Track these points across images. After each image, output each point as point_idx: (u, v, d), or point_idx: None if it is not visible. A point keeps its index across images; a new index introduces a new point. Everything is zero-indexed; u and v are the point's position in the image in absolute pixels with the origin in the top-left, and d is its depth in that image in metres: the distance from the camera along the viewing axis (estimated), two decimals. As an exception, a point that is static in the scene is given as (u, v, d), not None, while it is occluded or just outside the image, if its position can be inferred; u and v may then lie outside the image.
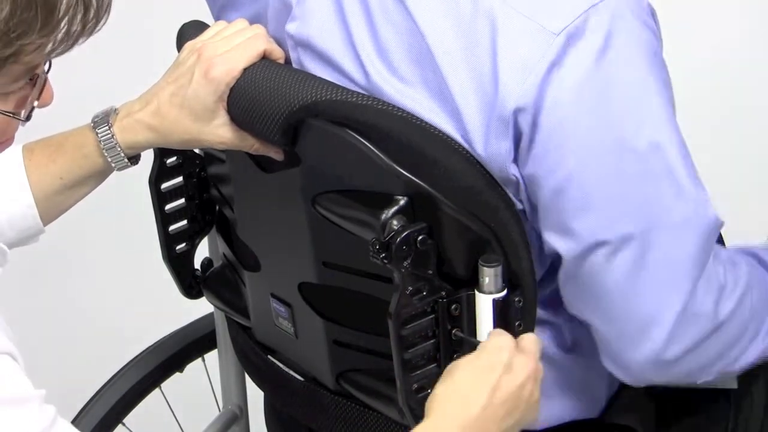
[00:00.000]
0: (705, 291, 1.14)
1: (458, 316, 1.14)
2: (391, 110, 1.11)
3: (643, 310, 1.13)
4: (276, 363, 1.35)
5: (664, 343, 1.14)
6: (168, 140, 1.23)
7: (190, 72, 1.19)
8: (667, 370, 1.16)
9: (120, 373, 1.54)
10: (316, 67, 1.17)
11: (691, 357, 1.16)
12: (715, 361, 1.19)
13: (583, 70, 1.07)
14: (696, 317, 1.14)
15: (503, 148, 1.09)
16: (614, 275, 1.12)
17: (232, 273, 1.40)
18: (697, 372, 1.19)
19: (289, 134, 1.15)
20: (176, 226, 1.39)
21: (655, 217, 1.11)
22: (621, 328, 1.15)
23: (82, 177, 1.26)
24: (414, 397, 1.15)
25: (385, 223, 1.11)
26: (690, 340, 1.15)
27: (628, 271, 1.12)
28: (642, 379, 1.18)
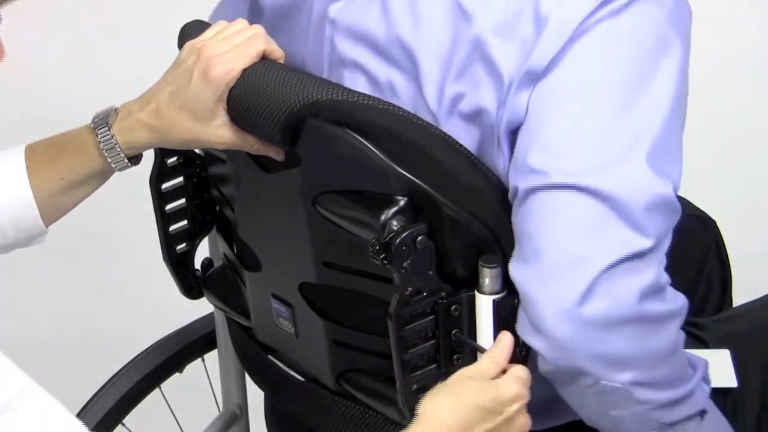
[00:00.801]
0: (634, 268, 1.08)
1: (458, 316, 1.14)
2: (392, 110, 1.11)
3: (572, 251, 1.08)
4: (276, 363, 1.35)
5: (583, 294, 1.07)
6: (168, 140, 1.23)
7: (190, 72, 1.19)
8: (581, 333, 1.07)
9: (120, 374, 1.54)
10: (350, 45, 1.17)
11: (608, 335, 1.08)
12: (630, 368, 1.11)
13: (606, 22, 1.09)
14: (617, 287, 1.08)
15: (524, 99, 1.10)
16: (556, 213, 1.09)
17: (233, 273, 1.40)
18: (611, 367, 1.10)
19: (290, 134, 1.15)
20: (176, 226, 1.39)
21: (609, 171, 1.09)
22: (547, 266, 1.08)
23: (84, 177, 1.26)
24: (414, 397, 1.15)
25: (385, 223, 1.11)
26: (609, 307, 1.07)
27: (570, 211, 1.08)
28: (556, 342, 1.08)
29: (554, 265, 1.08)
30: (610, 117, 1.09)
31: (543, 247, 1.08)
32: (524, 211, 1.10)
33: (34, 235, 1.28)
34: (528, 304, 1.09)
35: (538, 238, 1.08)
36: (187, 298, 1.44)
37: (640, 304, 1.08)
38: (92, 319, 2.40)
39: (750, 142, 2.52)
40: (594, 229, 1.08)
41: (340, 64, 1.20)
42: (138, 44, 2.48)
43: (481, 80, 1.12)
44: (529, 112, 1.10)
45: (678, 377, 1.14)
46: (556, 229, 1.08)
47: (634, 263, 1.07)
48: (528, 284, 1.09)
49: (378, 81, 1.18)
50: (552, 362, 1.09)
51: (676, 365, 1.13)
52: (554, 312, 1.07)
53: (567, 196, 1.08)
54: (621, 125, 1.09)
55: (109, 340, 2.24)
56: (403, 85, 1.16)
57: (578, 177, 1.08)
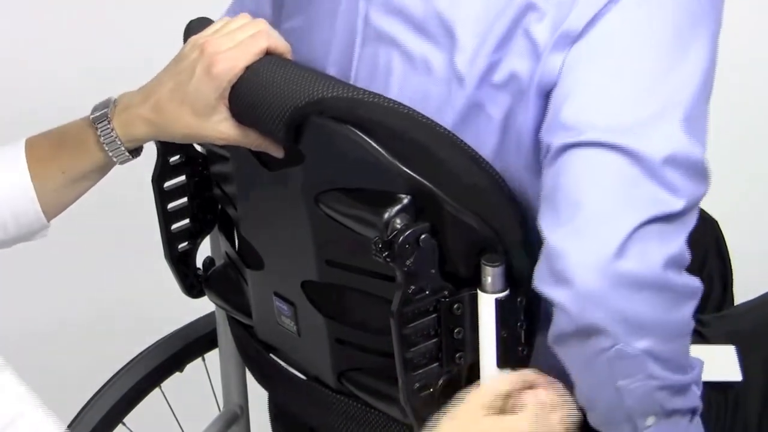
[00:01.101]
0: (664, 233, 1.08)
1: (460, 315, 1.14)
2: (396, 108, 1.11)
3: (605, 207, 1.08)
4: (278, 361, 1.35)
5: (616, 249, 1.06)
6: (167, 134, 1.23)
7: (192, 68, 1.19)
8: (609, 288, 1.07)
9: (120, 373, 1.53)
10: (386, 19, 1.18)
11: (634, 296, 1.08)
12: (648, 334, 1.10)
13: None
14: (647, 248, 1.08)
15: (559, 60, 1.10)
16: (589, 170, 1.09)
17: (235, 272, 1.40)
18: (630, 331, 1.09)
19: (293, 131, 1.15)
20: (178, 224, 1.39)
21: (644, 130, 1.09)
22: (580, 220, 1.08)
23: (84, 171, 1.26)
24: (416, 396, 1.15)
25: (387, 221, 1.11)
26: (638, 267, 1.07)
27: (603, 169, 1.09)
28: (583, 295, 1.07)
29: (587, 220, 1.08)
30: (648, 77, 1.10)
31: (576, 202, 1.08)
32: (557, 168, 1.10)
33: (36, 229, 1.28)
34: (556, 258, 1.08)
35: (571, 193, 1.09)
36: (189, 297, 1.44)
37: (665, 271, 1.08)
38: (93, 318, 2.40)
39: (752, 141, 2.52)
40: (626, 188, 1.08)
41: (374, 40, 1.20)
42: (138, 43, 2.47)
43: (516, 47, 1.13)
44: (563, 72, 1.11)
45: (686, 363, 1.14)
46: (589, 185, 1.08)
47: (664, 227, 1.08)
48: (557, 237, 1.08)
49: (412, 56, 1.18)
50: (574, 317, 1.08)
51: (685, 349, 1.13)
52: (585, 264, 1.07)
53: (599, 154, 1.08)
54: (658, 86, 1.10)
55: (109, 338, 2.24)
56: (437, 59, 1.16)
57: (611, 134, 1.08)
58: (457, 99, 1.16)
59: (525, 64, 1.12)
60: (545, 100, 1.12)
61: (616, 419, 1.13)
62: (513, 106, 1.14)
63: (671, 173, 1.08)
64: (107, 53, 2.41)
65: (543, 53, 1.11)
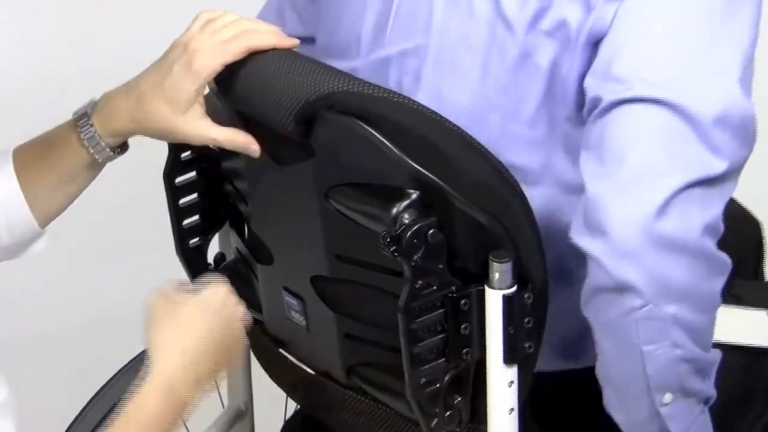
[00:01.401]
0: (705, 197, 1.09)
1: (467, 311, 1.15)
2: (406, 103, 1.12)
3: (650, 164, 1.09)
4: (288, 356, 1.36)
5: (658, 208, 1.07)
6: (146, 129, 1.25)
7: (174, 63, 1.22)
8: (648, 246, 1.07)
9: (120, 373, 1.54)
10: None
11: (670, 257, 1.08)
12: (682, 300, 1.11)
13: None
14: (688, 211, 1.09)
15: (612, 11, 1.12)
16: (637, 126, 1.10)
17: (245, 267, 1.40)
18: (662, 293, 1.10)
19: (303, 125, 1.15)
20: (190, 220, 1.40)
21: (697, 86, 1.11)
22: (626, 174, 1.09)
23: (71, 172, 1.27)
24: (422, 391, 1.15)
25: (396, 216, 1.11)
26: (678, 229, 1.08)
27: (651, 124, 1.10)
28: (621, 249, 1.08)
29: (631, 175, 1.09)
30: (704, 35, 1.11)
31: (622, 156, 1.09)
32: (605, 121, 1.11)
33: (28, 238, 1.29)
34: (596, 209, 1.09)
35: (618, 146, 1.10)
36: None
37: (702, 236, 1.09)
38: (94, 316, 2.40)
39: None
40: (673, 145, 1.09)
41: None
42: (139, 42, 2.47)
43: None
44: (615, 23, 1.12)
45: (709, 342, 1.14)
46: (637, 140, 1.10)
47: (705, 191, 1.09)
48: (600, 188, 1.10)
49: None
50: (608, 271, 1.09)
51: (711, 326, 1.14)
52: (625, 219, 1.08)
53: (650, 110, 1.10)
54: (714, 45, 1.11)
55: (109, 338, 2.24)
56: (482, 3, 1.18)
57: (663, 90, 1.09)
58: (508, 47, 1.17)
59: (575, 11, 1.14)
60: (593, 49, 1.14)
61: (634, 392, 1.13)
62: (559, 55, 1.16)
63: (719, 134, 1.09)
64: (109, 53, 2.41)
65: (596, 3, 1.13)
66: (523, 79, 1.18)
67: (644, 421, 1.15)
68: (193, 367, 1.13)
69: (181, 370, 1.13)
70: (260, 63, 1.19)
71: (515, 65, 1.18)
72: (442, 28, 1.21)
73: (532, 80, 1.18)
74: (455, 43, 1.20)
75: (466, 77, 1.21)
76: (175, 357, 1.13)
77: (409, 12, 1.23)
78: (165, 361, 1.13)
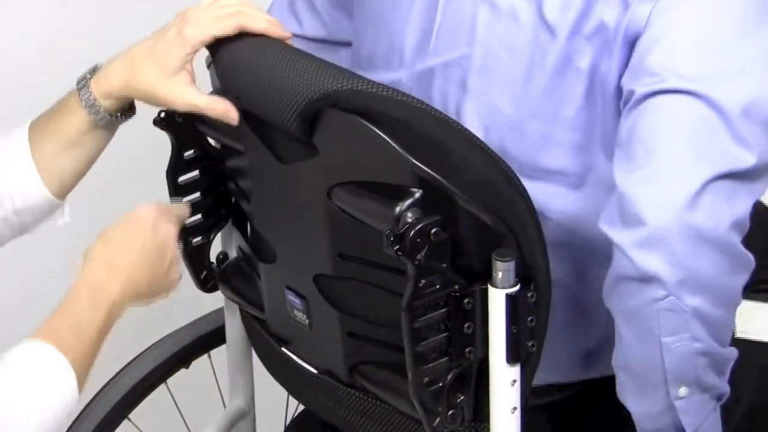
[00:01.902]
0: (733, 192, 1.11)
1: (471, 310, 1.15)
2: (411, 102, 1.12)
3: (679, 157, 1.11)
4: (290, 355, 1.36)
5: (688, 200, 1.09)
6: (132, 90, 1.28)
7: (169, 30, 1.26)
8: (677, 236, 1.09)
9: (126, 369, 1.54)
10: None
11: (698, 249, 1.09)
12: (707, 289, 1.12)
13: None
14: (716, 204, 1.10)
15: (647, 9, 1.14)
16: (668, 118, 1.12)
17: (248, 265, 1.40)
18: (686, 285, 1.11)
19: (308, 123, 1.16)
20: (192, 219, 1.40)
21: (742, 85, 1.12)
22: (654, 167, 1.11)
23: (74, 136, 1.31)
24: (424, 390, 1.15)
25: (399, 215, 1.11)
26: (706, 221, 1.09)
27: (682, 116, 1.11)
28: (652, 236, 1.09)
29: (660, 167, 1.11)
30: (735, 30, 1.13)
31: (651, 148, 1.11)
32: (635, 113, 1.13)
33: (43, 205, 1.31)
34: (625, 202, 1.11)
35: (647, 139, 1.11)
36: (203, 292, 1.45)
37: (730, 231, 1.10)
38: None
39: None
40: (701, 137, 1.11)
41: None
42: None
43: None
44: (650, 20, 1.14)
45: (728, 338, 1.15)
46: (665, 132, 1.11)
47: (735, 185, 1.10)
48: (629, 182, 1.11)
49: (499, 6, 1.20)
50: (635, 262, 1.10)
51: (731, 323, 1.15)
52: (655, 211, 1.09)
53: (679, 101, 1.11)
54: (745, 40, 1.13)
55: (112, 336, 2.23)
56: (524, 9, 1.19)
57: (693, 82, 1.11)
58: (550, 53, 1.18)
59: (613, 12, 1.15)
60: (630, 48, 1.15)
61: (651, 382, 1.15)
62: (598, 57, 1.17)
63: (747, 126, 1.10)
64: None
65: (632, 1, 1.14)
66: (564, 84, 1.19)
67: (658, 413, 1.16)
68: (121, 274, 1.19)
69: (107, 276, 1.18)
70: (263, 60, 1.20)
71: (556, 70, 1.19)
72: (486, 37, 1.22)
73: (572, 84, 1.19)
74: (499, 51, 1.22)
75: (511, 84, 1.22)
76: (103, 267, 1.19)
77: (453, 23, 1.25)
78: (92, 270, 1.19)
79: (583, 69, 1.18)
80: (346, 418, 1.30)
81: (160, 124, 1.35)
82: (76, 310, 1.17)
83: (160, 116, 1.35)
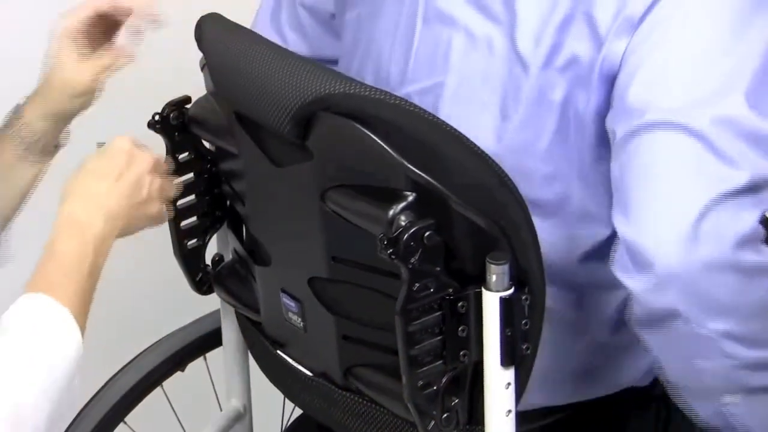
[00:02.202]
0: (733, 210, 1.10)
1: (465, 313, 1.14)
2: (403, 105, 1.12)
3: (671, 193, 1.11)
4: (285, 358, 1.36)
5: (686, 235, 1.09)
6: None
7: None
8: (684, 272, 1.10)
9: (122, 372, 1.53)
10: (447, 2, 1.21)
11: (709, 278, 1.10)
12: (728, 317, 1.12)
13: None
14: (717, 228, 1.10)
15: (622, 46, 1.13)
16: (654, 154, 1.12)
17: (243, 268, 1.40)
18: (706, 313, 1.11)
19: (301, 127, 1.16)
20: (188, 221, 1.40)
21: (704, 107, 1.11)
22: (649, 212, 1.11)
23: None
24: (419, 393, 1.15)
25: (393, 218, 1.11)
26: (710, 249, 1.09)
27: (667, 151, 1.12)
28: (660, 281, 1.11)
29: (656, 211, 1.11)
30: (709, 54, 1.12)
31: (644, 193, 1.11)
32: (623, 155, 1.13)
33: None
34: (628, 249, 1.12)
35: (638, 184, 1.12)
36: (198, 294, 1.45)
37: (737, 251, 1.10)
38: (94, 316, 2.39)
39: None
40: (691, 168, 1.11)
41: (435, 20, 1.23)
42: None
43: (576, 30, 1.15)
44: (625, 56, 1.14)
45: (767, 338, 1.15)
46: (654, 171, 1.12)
47: (733, 203, 1.10)
48: (633, 233, 1.12)
49: (474, 35, 1.20)
50: (650, 304, 1.12)
51: (766, 326, 1.15)
52: (656, 253, 1.10)
53: (663, 136, 1.11)
54: (717, 64, 1.12)
55: (111, 337, 2.23)
56: (499, 40, 1.19)
57: (673, 114, 1.11)
58: (524, 86, 1.18)
59: (585, 47, 1.15)
60: (610, 85, 1.15)
61: (696, 396, 1.16)
62: (572, 90, 1.17)
63: (731, 145, 1.09)
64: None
65: (606, 38, 1.14)
66: (538, 116, 1.19)
67: (709, 417, 1.18)
68: (100, 205, 1.19)
69: (85, 207, 1.18)
70: (257, 63, 1.19)
71: (531, 103, 1.19)
72: (460, 66, 1.22)
73: (546, 117, 1.19)
74: (474, 80, 1.21)
75: (485, 113, 1.22)
76: (81, 199, 1.19)
77: (429, 49, 1.25)
78: (70, 204, 1.18)
79: (556, 101, 1.18)
80: (342, 421, 1.30)
81: (154, 126, 1.35)
82: (62, 249, 1.16)
83: (154, 119, 1.35)
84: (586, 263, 1.24)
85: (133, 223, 1.23)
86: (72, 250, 1.16)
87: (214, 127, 1.32)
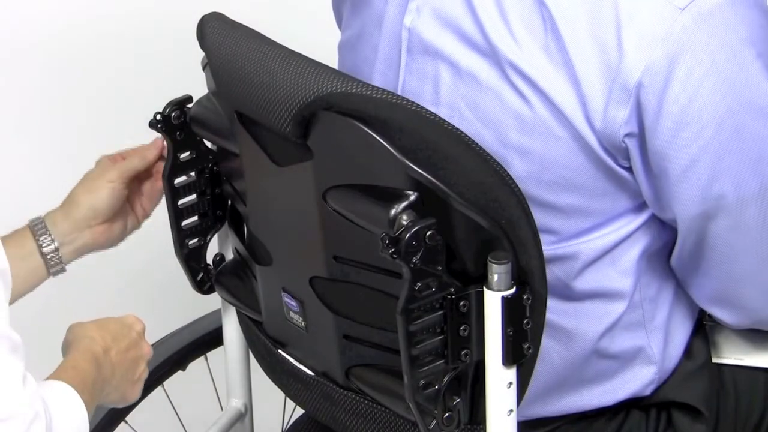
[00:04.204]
0: None
1: (466, 312, 1.14)
2: (405, 104, 1.12)
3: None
4: (286, 357, 1.36)
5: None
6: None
7: None
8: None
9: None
10: (434, 31, 1.20)
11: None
12: None
13: (713, 42, 1.11)
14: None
15: (620, 116, 1.13)
16: (746, 229, 1.19)
17: (244, 268, 1.40)
18: None
19: (303, 126, 1.16)
20: (188, 221, 1.40)
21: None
22: (744, 270, 1.23)
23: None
24: (420, 393, 1.15)
25: (394, 218, 1.11)
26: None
27: (758, 222, 1.19)
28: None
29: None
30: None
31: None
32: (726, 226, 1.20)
33: None
34: (723, 294, 1.27)
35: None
36: (199, 293, 1.45)
37: None
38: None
39: None
40: None
41: (420, 51, 1.22)
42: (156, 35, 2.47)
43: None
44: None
45: None
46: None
47: None
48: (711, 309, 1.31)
49: (459, 67, 1.19)
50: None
51: None
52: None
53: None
54: None
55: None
56: (485, 70, 1.18)
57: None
58: (522, 115, 1.18)
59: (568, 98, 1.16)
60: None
61: None
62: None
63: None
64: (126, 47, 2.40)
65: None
66: (540, 140, 1.18)
67: None
68: (111, 363, 1.22)
69: (103, 356, 1.22)
70: (258, 62, 1.19)
71: (529, 131, 1.18)
72: (450, 98, 1.21)
73: (554, 146, 1.18)
74: (465, 112, 1.20)
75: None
76: (99, 346, 1.23)
77: (417, 82, 1.24)
78: (91, 344, 1.23)
79: (562, 135, 1.17)
80: (343, 421, 1.30)
81: (155, 126, 1.35)
82: (81, 366, 1.20)
83: (155, 118, 1.34)
84: (583, 274, 1.24)
85: (109, 394, 1.26)
86: (91, 373, 1.21)
87: (216, 126, 1.32)
